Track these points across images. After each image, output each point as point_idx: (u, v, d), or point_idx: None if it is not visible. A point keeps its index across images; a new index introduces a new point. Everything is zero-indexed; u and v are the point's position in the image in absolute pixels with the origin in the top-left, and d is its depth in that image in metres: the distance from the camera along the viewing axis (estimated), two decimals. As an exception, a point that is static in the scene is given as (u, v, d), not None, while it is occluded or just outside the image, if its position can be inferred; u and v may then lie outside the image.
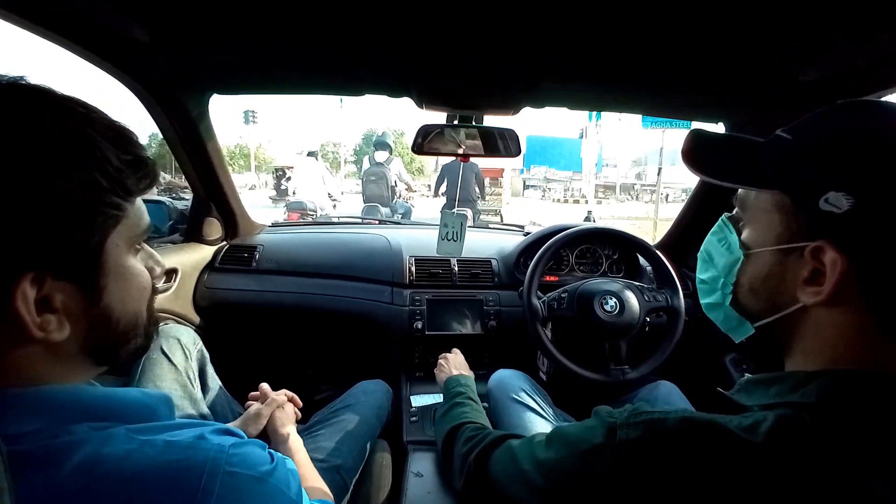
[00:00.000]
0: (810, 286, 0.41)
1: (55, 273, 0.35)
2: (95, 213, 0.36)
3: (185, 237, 1.49)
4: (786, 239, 0.43)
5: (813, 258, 0.40)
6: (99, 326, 0.39)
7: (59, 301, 0.36)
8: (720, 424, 0.39)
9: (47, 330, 0.35)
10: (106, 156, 0.36)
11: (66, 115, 0.36)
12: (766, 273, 0.46)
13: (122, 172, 0.37)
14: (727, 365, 1.34)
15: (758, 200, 0.47)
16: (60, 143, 0.34)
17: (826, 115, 0.42)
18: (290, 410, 0.91)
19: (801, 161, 0.41)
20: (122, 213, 0.38)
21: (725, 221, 0.52)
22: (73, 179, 0.34)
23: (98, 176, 0.36)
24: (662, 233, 1.68)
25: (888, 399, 0.37)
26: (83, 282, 0.37)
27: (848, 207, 0.37)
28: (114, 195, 0.37)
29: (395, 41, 0.83)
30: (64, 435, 0.35)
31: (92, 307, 0.38)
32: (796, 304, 0.43)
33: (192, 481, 0.35)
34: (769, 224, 0.45)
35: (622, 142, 39.87)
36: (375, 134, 12.54)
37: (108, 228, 0.38)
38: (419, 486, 0.91)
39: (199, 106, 1.19)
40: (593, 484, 0.45)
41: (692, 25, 0.74)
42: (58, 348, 0.37)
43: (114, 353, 0.43)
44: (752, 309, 0.48)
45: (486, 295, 1.46)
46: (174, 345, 0.96)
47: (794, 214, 0.42)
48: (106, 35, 0.84)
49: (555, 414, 1.07)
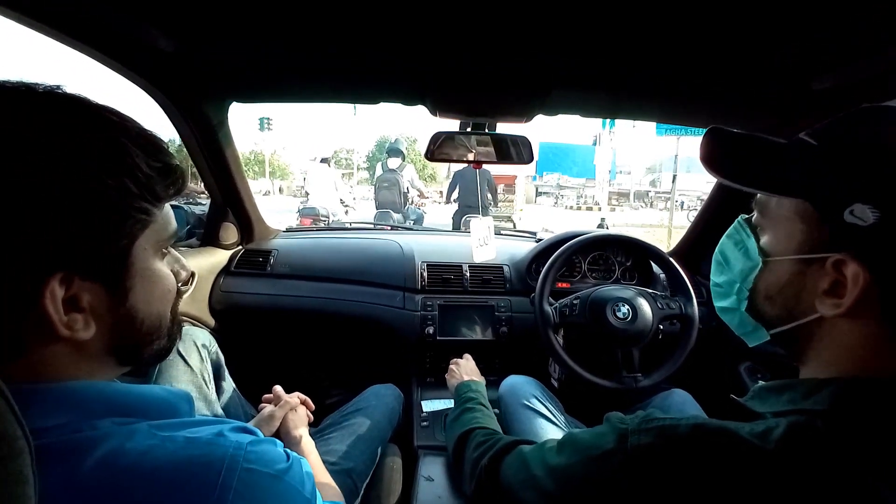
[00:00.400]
0: (830, 298, 0.40)
1: (83, 274, 0.36)
2: (125, 217, 0.37)
3: (202, 241, 1.52)
4: (807, 249, 0.42)
5: (834, 270, 0.40)
6: (124, 327, 0.40)
7: (85, 301, 0.37)
8: (732, 431, 0.39)
9: (74, 329, 0.36)
10: (136, 163, 0.37)
11: (100, 122, 0.37)
12: (785, 281, 0.45)
13: (152, 179, 0.39)
14: (742, 373, 1.32)
15: (779, 207, 0.45)
16: (94, 150, 0.35)
17: (853, 120, 0.41)
18: (302, 413, 0.92)
19: (828, 169, 0.40)
20: (150, 217, 0.40)
21: (743, 224, 0.51)
22: (105, 185, 0.35)
23: (129, 182, 0.37)
24: (677, 240, 1.66)
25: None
26: (110, 283, 0.38)
27: (873, 221, 0.36)
28: (143, 201, 0.38)
29: (409, 50, 0.85)
30: (88, 429, 0.36)
31: (118, 308, 0.39)
32: (814, 314, 0.42)
33: (210, 476, 0.36)
34: (790, 232, 0.44)
35: (636, 149, 39.50)
36: (388, 141, 12.61)
37: (137, 232, 0.39)
38: (429, 491, 0.91)
39: (219, 114, 1.21)
40: (604, 490, 0.45)
41: (705, 33, 0.74)
42: (83, 347, 0.38)
43: (137, 354, 0.44)
44: (768, 315, 0.47)
45: (498, 301, 1.46)
46: (190, 346, 0.97)
47: (817, 224, 0.41)
48: (133, 45, 0.86)
49: (566, 421, 1.06)
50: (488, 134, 1.16)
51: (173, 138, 1.25)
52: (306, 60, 0.93)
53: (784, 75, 0.85)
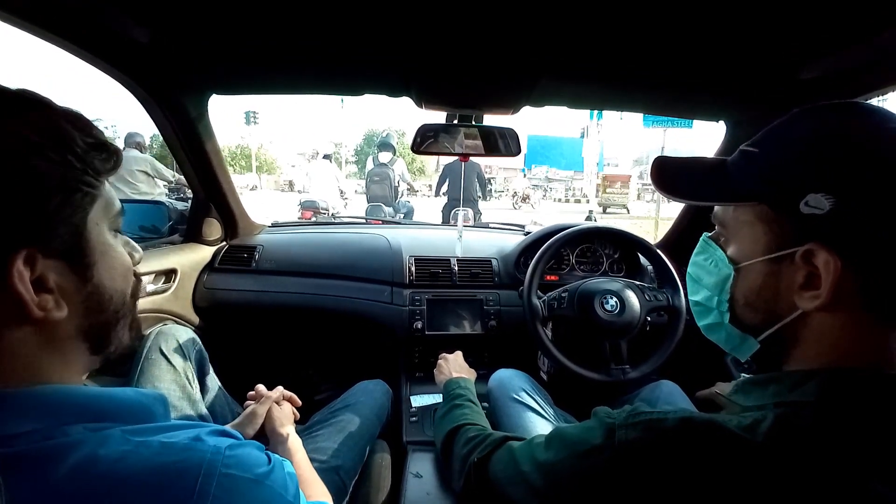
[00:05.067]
0: (807, 291, 0.41)
1: (45, 251, 0.36)
2: (73, 189, 0.38)
3: (184, 238, 1.49)
4: (774, 247, 0.43)
5: (805, 262, 0.40)
6: (93, 305, 0.41)
7: (52, 280, 0.37)
8: (719, 424, 0.39)
9: (46, 308, 0.36)
10: (73, 137, 0.39)
11: (30, 102, 0.39)
12: (760, 284, 0.45)
13: (89, 154, 0.40)
14: (728, 364, 1.34)
15: (737, 214, 0.47)
16: (32, 127, 0.37)
17: (789, 123, 0.43)
18: (287, 410, 0.91)
19: (773, 170, 0.42)
20: (96, 191, 0.41)
21: (707, 241, 0.52)
22: (50, 159, 0.37)
23: (69, 156, 0.38)
24: (664, 232, 1.67)
25: (888, 397, 0.37)
26: (73, 259, 0.39)
27: (830, 207, 0.38)
28: (86, 174, 0.40)
29: (392, 40, 0.83)
30: (59, 436, 0.35)
31: (84, 285, 0.40)
32: (796, 312, 0.42)
33: (187, 483, 0.35)
34: (754, 236, 0.45)
35: (624, 141, 39.82)
36: (377, 134, 12.52)
37: (87, 206, 0.40)
38: (418, 487, 0.90)
39: (198, 106, 1.19)
40: (592, 485, 0.45)
41: (692, 23, 0.73)
42: (55, 332, 0.38)
43: (107, 337, 0.44)
44: (752, 322, 0.47)
45: (487, 295, 1.45)
46: (173, 345, 0.95)
47: (776, 222, 0.42)
48: (105, 35, 0.84)
49: (555, 414, 1.06)
50: (475, 126, 1.14)
51: (155, 133, 1.23)
52: (287, 51, 0.91)
53: (772, 64, 0.85)
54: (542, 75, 0.94)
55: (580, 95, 1.15)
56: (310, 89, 1.15)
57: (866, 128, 0.39)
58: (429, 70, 0.93)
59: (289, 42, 0.87)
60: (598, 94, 1.16)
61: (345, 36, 0.83)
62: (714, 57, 0.84)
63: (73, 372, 0.42)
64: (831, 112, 0.42)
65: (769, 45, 0.78)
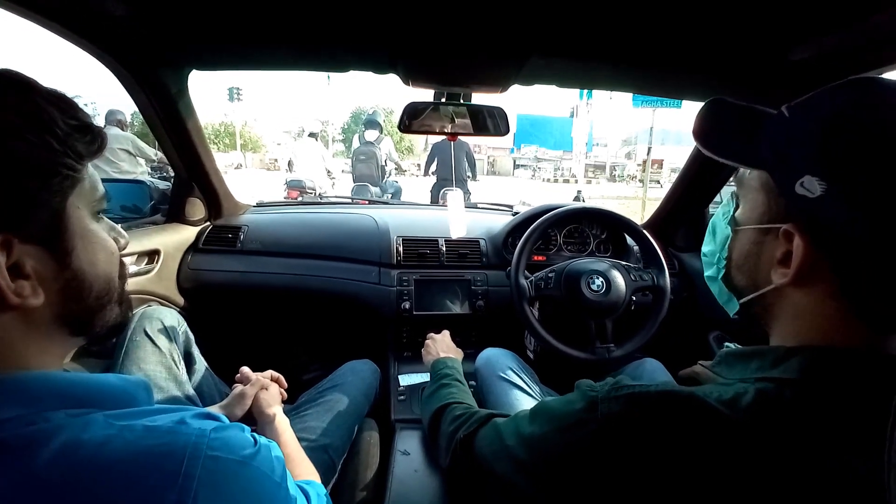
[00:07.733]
0: (781, 267, 0.42)
1: (22, 236, 0.36)
2: (53, 173, 0.37)
3: (167, 218, 1.46)
4: (766, 220, 0.44)
5: (785, 240, 0.41)
6: (72, 292, 0.40)
7: (29, 266, 0.36)
8: (700, 399, 0.40)
9: (23, 295, 0.36)
10: (54, 119, 0.37)
11: (8, 82, 0.37)
12: (748, 251, 0.47)
13: (71, 136, 0.39)
14: (711, 342, 1.37)
15: (750, 178, 0.47)
16: (10, 107, 0.36)
17: (831, 92, 0.40)
18: (275, 391, 0.91)
19: (790, 141, 0.41)
20: (77, 175, 0.40)
21: (732, 196, 0.52)
22: (28, 141, 0.35)
23: (50, 139, 0.37)
24: (651, 213, 1.68)
25: (867, 377, 0.37)
26: (50, 245, 0.38)
27: (820, 193, 0.37)
28: (66, 157, 0.38)
29: (378, 15, 0.80)
30: (41, 422, 0.34)
31: (63, 271, 0.39)
32: (771, 284, 0.44)
33: (173, 465, 0.35)
34: (755, 203, 0.46)
35: (613, 121, 39.73)
36: (364, 112, 12.30)
37: (67, 190, 0.39)
38: (406, 465, 0.92)
39: (178, 83, 1.15)
40: (576, 457, 0.46)
41: (681, 2, 0.72)
42: (33, 318, 0.38)
43: (89, 322, 0.43)
44: (739, 285, 0.49)
45: (475, 275, 1.46)
46: (157, 326, 0.94)
47: (775, 196, 0.43)
48: (79, 9, 0.80)
49: (541, 391, 1.08)
50: (464, 105, 1.13)
51: (137, 111, 1.19)
52: (269, 25, 0.88)
53: (761, 45, 0.85)
54: (531, 53, 0.92)
55: (570, 74, 1.13)
56: (293, 65, 1.12)
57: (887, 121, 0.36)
58: (416, 46, 0.90)
59: (270, 15, 0.84)
60: (588, 73, 1.15)
61: (328, 10, 0.80)
62: (703, 37, 0.83)
63: (54, 356, 0.41)
64: (866, 90, 0.38)
65: (759, 26, 0.78)
